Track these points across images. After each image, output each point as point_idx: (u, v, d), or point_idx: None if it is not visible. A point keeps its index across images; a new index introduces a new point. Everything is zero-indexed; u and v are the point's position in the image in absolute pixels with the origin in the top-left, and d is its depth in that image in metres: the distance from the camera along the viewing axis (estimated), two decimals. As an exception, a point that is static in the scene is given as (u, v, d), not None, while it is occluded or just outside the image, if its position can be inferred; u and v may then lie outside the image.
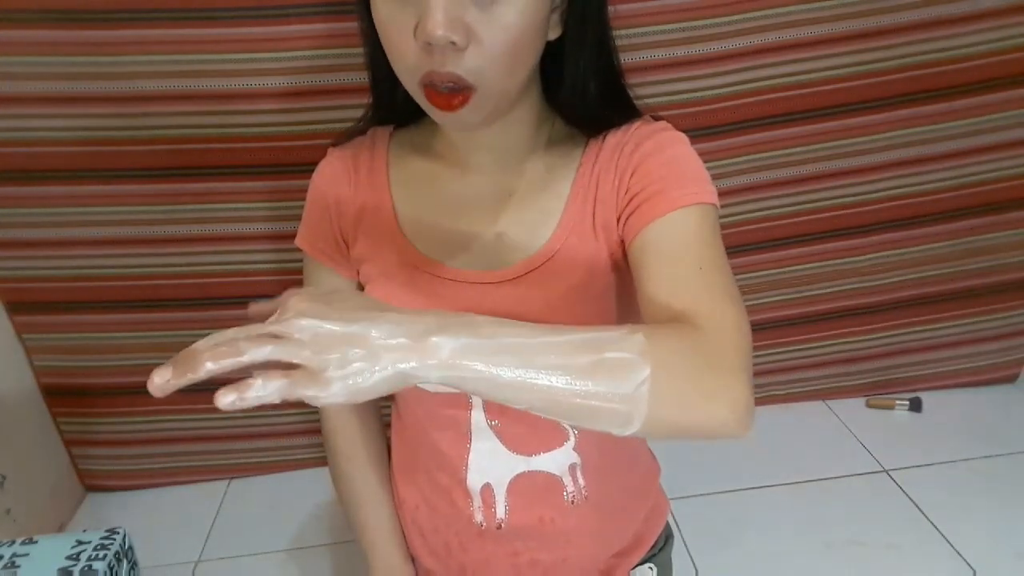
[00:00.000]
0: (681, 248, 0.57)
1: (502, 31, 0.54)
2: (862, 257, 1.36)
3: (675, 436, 0.47)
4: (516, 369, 0.43)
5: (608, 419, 0.45)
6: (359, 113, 0.75)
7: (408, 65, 0.56)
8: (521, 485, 0.71)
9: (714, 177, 0.62)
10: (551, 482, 0.71)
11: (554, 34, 0.60)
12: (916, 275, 1.39)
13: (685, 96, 1.17)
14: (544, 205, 0.66)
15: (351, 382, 0.41)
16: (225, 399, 0.39)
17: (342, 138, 0.74)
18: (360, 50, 0.68)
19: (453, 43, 0.52)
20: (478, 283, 0.65)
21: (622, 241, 0.64)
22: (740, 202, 1.28)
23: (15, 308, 1.25)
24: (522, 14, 0.54)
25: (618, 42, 0.65)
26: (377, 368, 0.41)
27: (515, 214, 0.66)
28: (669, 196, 0.59)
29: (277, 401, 0.41)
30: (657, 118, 0.68)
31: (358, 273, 0.73)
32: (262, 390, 0.40)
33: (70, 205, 1.17)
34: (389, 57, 0.58)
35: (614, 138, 0.66)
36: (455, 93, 0.55)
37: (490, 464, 0.70)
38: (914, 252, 1.36)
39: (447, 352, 0.43)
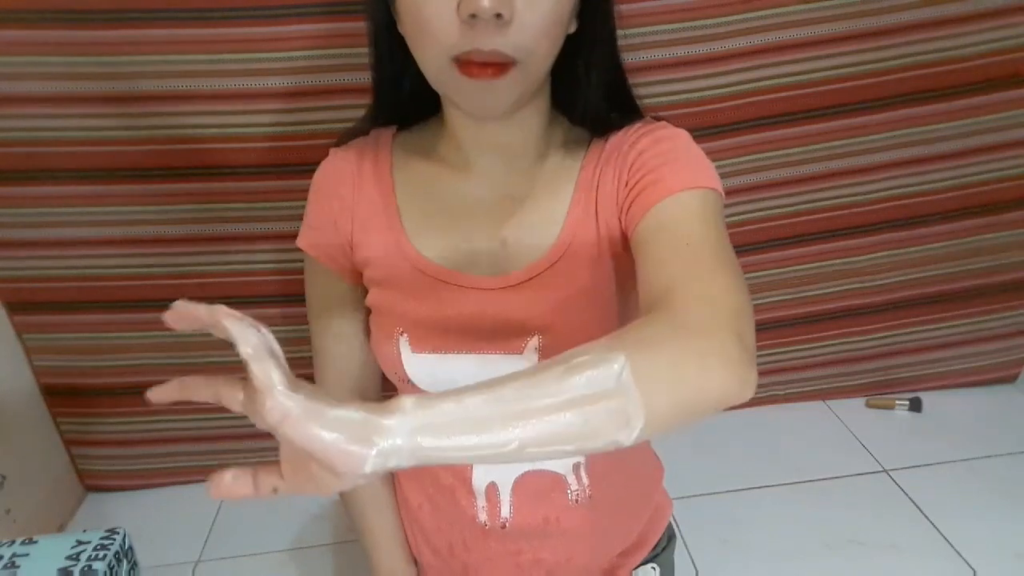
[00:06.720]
0: (669, 230, 0.57)
1: (546, 5, 0.54)
2: (862, 257, 1.36)
3: (681, 418, 0.43)
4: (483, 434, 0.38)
5: (605, 424, 0.40)
6: (359, 113, 0.74)
7: (445, 43, 0.54)
8: (526, 484, 0.71)
9: (713, 177, 0.62)
10: (555, 481, 0.71)
11: (571, 28, 0.61)
12: (916, 275, 1.39)
13: (685, 96, 1.17)
14: (548, 208, 0.66)
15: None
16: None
17: (344, 138, 0.73)
18: (359, 50, 0.68)
19: (499, 16, 0.52)
20: (484, 289, 0.65)
21: (624, 237, 0.64)
22: (740, 202, 1.28)
23: (15, 308, 1.25)
24: None
25: (619, 42, 0.65)
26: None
27: (520, 218, 0.66)
28: (664, 183, 0.59)
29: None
30: (657, 119, 0.68)
31: (361, 276, 0.72)
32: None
33: (70, 205, 1.17)
34: (417, 36, 0.57)
35: (616, 139, 0.66)
36: (491, 64, 0.55)
37: (495, 463, 0.70)
38: (914, 252, 1.36)
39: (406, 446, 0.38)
